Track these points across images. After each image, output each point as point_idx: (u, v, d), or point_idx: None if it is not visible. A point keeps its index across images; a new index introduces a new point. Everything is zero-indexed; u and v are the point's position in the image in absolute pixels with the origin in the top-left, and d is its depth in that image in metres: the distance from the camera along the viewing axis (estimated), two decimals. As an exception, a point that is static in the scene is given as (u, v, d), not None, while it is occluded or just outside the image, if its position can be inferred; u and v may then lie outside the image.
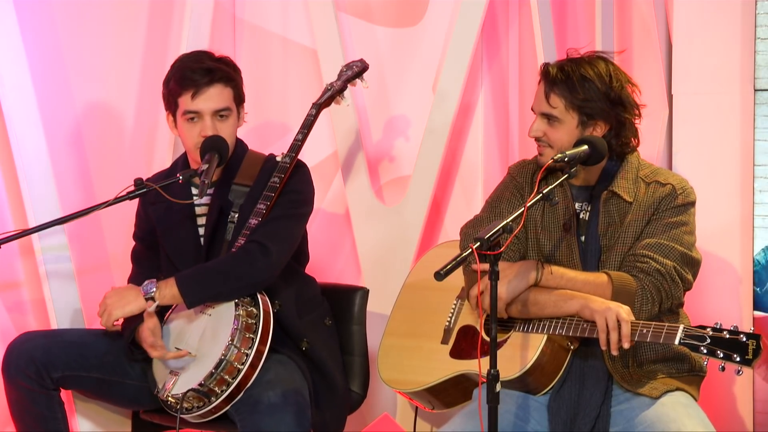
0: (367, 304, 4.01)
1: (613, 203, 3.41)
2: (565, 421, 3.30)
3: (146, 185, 3.55)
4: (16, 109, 4.05)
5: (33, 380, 3.51)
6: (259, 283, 3.55)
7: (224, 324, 3.48)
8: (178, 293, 3.50)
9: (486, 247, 3.02)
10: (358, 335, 3.87)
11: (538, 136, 3.43)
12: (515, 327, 3.39)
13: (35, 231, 3.66)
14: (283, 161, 3.70)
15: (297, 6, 4.52)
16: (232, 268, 3.53)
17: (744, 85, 3.98)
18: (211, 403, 3.45)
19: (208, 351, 3.47)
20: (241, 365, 3.44)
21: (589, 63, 3.39)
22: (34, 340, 3.59)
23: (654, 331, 3.15)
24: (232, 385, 3.44)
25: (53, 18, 4.21)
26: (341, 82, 4.02)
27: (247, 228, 3.58)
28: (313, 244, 4.21)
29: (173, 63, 3.72)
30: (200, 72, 3.61)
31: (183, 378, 3.48)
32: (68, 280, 4.10)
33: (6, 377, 3.55)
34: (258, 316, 3.50)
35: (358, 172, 4.39)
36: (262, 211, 3.59)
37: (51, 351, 3.55)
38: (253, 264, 3.53)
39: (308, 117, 3.89)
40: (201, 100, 3.61)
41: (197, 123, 3.62)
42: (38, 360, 3.52)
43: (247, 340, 3.46)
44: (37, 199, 4.06)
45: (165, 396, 3.49)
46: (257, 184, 3.66)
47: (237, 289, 3.52)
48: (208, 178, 3.50)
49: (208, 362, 3.44)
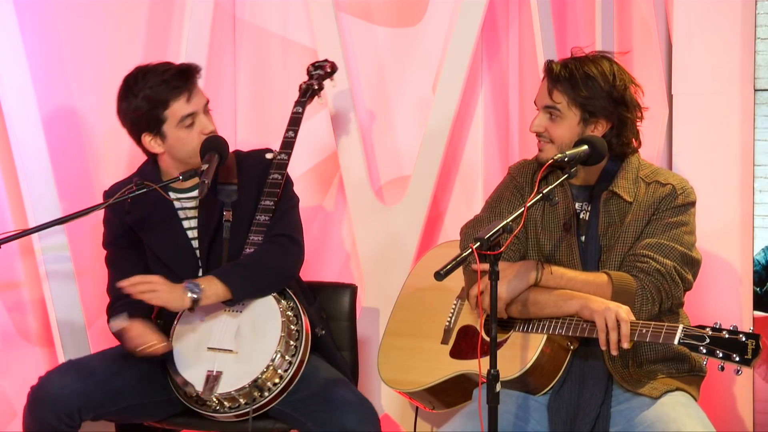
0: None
1: (613, 203, 3.41)
2: (565, 421, 3.30)
3: (146, 185, 3.55)
4: (16, 109, 4.05)
5: (63, 422, 3.45)
6: (294, 274, 3.66)
7: (265, 318, 3.51)
8: (222, 290, 3.49)
9: (486, 247, 3.02)
10: (348, 331, 3.90)
11: (540, 132, 3.43)
12: (515, 327, 3.39)
13: (35, 231, 3.66)
14: (280, 158, 3.72)
15: (297, 6, 4.52)
16: (270, 261, 3.57)
17: (744, 85, 3.98)
18: (263, 398, 3.46)
19: (253, 347, 3.48)
20: (291, 358, 3.48)
21: (593, 61, 3.40)
22: (71, 384, 3.47)
23: (653, 331, 3.15)
24: (285, 378, 3.46)
25: (53, 18, 4.21)
26: (317, 81, 4.08)
27: (258, 225, 3.60)
28: (314, 244, 4.23)
29: (127, 89, 3.59)
30: (179, 75, 3.59)
31: (228, 376, 3.47)
32: (68, 280, 4.10)
33: (33, 416, 3.47)
34: (296, 308, 3.55)
35: (358, 172, 4.39)
36: (270, 207, 3.63)
37: (89, 395, 3.48)
38: (289, 255, 3.61)
39: (296, 115, 3.93)
40: (195, 100, 3.60)
41: (194, 125, 3.61)
42: (74, 405, 3.45)
43: (293, 333, 3.50)
44: (37, 199, 4.06)
45: (209, 397, 3.46)
46: (245, 182, 3.66)
47: (278, 281, 3.58)
48: (208, 178, 3.49)
49: (259, 357, 3.45)
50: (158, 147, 3.63)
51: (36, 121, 4.07)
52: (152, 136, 3.62)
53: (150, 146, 3.63)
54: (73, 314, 4.11)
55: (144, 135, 3.62)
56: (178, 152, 3.64)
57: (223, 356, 3.50)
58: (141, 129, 3.61)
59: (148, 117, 3.58)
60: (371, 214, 4.39)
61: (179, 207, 3.68)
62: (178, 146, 3.63)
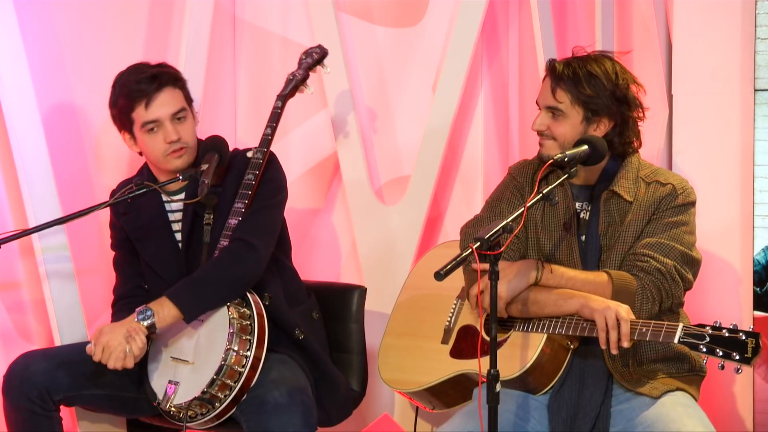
0: (367, 303, 4.00)
1: (613, 203, 3.41)
2: (565, 420, 3.30)
3: (146, 185, 3.55)
4: (16, 109, 4.05)
5: (35, 404, 3.47)
6: (251, 281, 3.55)
7: (218, 329, 3.47)
8: (175, 311, 3.47)
9: (486, 246, 3.02)
10: (357, 333, 3.88)
11: (542, 130, 3.43)
12: (515, 326, 3.39)
13: (35, 231, 3.66)
14: (255, 157, 3.67)
15: (297, 6, 4.52)
16: (222, 273, 3.51)
17: (744, 85, 3.98)
18: (215, 409, 3.45)
19: (206, 358, 3.46)
20: (241, 368, 3.44)
21: (596, 61, 3.40)
22: (35, 364, 3.52)
23: (653, 329, 3.15)
24: (234, 389, 3.43)
25: (53, 18, 4.21)
26: (302, 71, 4.01)
27: (227, 229, 3.56)
28: (314, 244, 4.22)
29: (114, 83, 3.67)
30: (145, 81, 3.59)
31: (183, 387, 3.47)
32: (68, 280, 4.09)
33: (7, 399, 3.51)
34: (252, 317, 3.50)
35: (358, 172, 4.39)
36: (240, 210, 3.58)
37: (53, 375, 3.50)
38: (242, 263, 3.52)
39: (275, 110, 3.87)
40: (155, 107, 3.58)
41: (158, 132, 3.60)
42: (41, 384, 3.47)
43: (245, 342, 3.46)
44: (37, 199, 4.06)
45: (167, 407, 3.48)
46: (228, 183, 3.64)
47: (232, 292, 3.51)
48: (208, 179, 3.49)
49: (208, 369, 3.43)
50: (134, 147, 3.68)
51: (36, 121, 4.07)
52: (129, 136, 3.67)
53: (129, 144, 3.69)
54: (73, 314, 4.10)
55: (123, 133, 3.68)
56: (148, 155, 3.67)
57: (182, 367, 3.50)
58: (120, 127, 3.68)
59: (120, 118, 3.65)
60: (371, 214, 4.39)
61: (170, 210, 3.68)
62: (145, 150, 3.66)
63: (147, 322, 3.45)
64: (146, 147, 3.63)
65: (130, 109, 3.60)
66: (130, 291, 3.72)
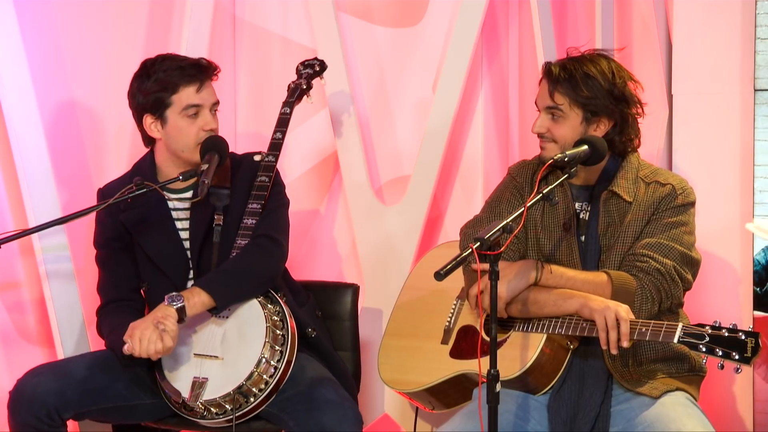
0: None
1: (613, 203, 3.41)
2: (565, 420, 3.30)
3: (146, 185, 3.55)
4: (16, 109, 4.05)
5: (43, 422, 3.46)
6: (277, 274, 3.61)
7: (250, 324, 3.50)
8: (207, 299, 3.48)
9: (486, 247, 3.02)
10: (351, 331, 3.90)
11: (542, 132, 3.43)
12: (515, 326, 3.39)
13: (35, 231, 3.65)
14: (267, 160, 3.71)
15: (297, 6, 4.52)
16: (251, 264, 3.55)
17: (744, 85, 3.98)
18: (249, 404, 3.45)
19: (238, 353, 3.47)
20: (277, 363, 3.47)
21: (592, 60, 3.40)
22: (44, 384, 3.49)
23: (653, 329, 3.15)
24: (270, 384, 3.45)
25: (53, 18, 4.21)
26: (306, 81, 4.06)
27: (245, 228, 3.59)
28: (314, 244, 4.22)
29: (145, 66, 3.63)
30: (197, 67, 3.62)
31: (214, 383, 3.46)
32: (68, 280, 4.10)
33: (14, 418, 3.48)
34: (281, 312, 3.54)
35: (358, 172, 4.39)
36: (257, 210, 3.61)
37: (64, 394, 3.48)
38: (269, 256, 3.58)
39: (284, 116, 3.91)
40: (205, 93, 3.61)
41: (197, 118, 3.61)
42: (51, 405, 3.46)
43: (279, 338, 3.49)
44: (37, 199, 4.06)
45: (194, 404, 3.46)
46: (238, 186, 3.66)
47: (261, 284, 3.56)
48: (208, 178, 3.49)
49: (244, 363, 3.44)
50: (157, 132, 3.63)
51: (36, 121, 4.07)
52: (154, 119, 3.62)
53: (150, 129, 3.63)
54: (73, 314, 4.11)
55: (146, 116, 3.62)
56: (173, 142, 3.63)
57: (209, 363, 3.50)
58: (145, 109, 3.62)
59: (155, 99, 3.60)
60: (371, 215, 4.39)
61: (173, 208, 3.68)
62: (175, 135, 3.62)
63: (177, 304, 3.43)
64: (178, 132, 3.61)
65: (174, 90, 3.58)
66: (126, 294, 3.67)
